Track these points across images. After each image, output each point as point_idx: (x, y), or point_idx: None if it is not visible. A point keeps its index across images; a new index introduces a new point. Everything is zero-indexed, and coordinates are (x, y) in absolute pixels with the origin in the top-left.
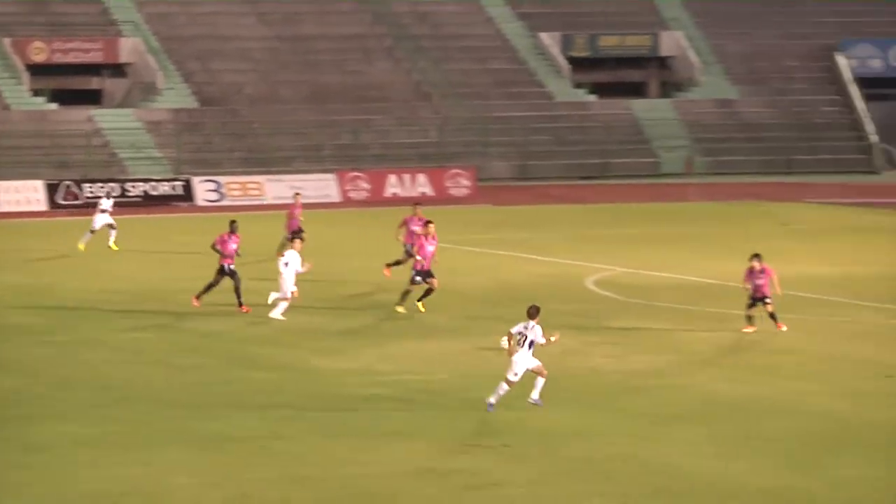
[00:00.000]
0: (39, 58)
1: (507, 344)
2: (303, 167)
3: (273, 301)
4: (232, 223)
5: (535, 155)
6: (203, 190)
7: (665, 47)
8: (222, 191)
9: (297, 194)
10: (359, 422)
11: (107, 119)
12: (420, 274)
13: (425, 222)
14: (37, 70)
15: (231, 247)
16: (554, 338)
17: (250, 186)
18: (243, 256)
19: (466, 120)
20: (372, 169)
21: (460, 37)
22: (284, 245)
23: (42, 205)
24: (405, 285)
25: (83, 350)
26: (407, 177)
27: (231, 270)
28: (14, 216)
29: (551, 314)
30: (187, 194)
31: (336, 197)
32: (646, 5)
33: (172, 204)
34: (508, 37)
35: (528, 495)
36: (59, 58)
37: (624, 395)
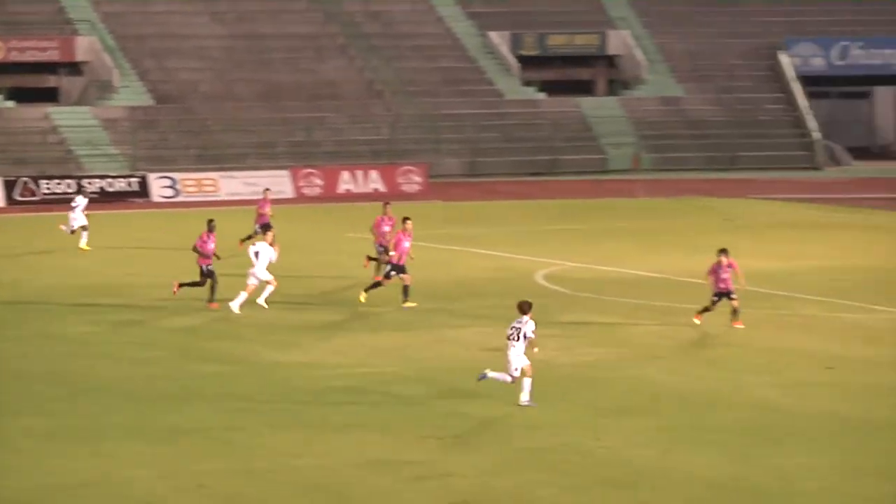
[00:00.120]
0: None
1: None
2: (257, 164)
3: (238, 302)
4: (209, 222)
5: (485, 152)
6: (158, 186)
7: (612, 46)
8: (177, 187)
9: (267, 190)
10: (311, 414)
11: (63, 116)
12: (395, 268)
13: (403, 219)
14: None
15: (209, 247)
16: (535, 349)
17: (205, 183)
18: (222, 259)
19: (418, 117)
20: (325, 165)
21: (411, 35)
22: (254, 238)
23: None
24: (379, 278)
25: (39, 344)
26: (360, 173)
27: (209, 271)
28: None
29: (501, 308)
30: (143, 191)
31: (290, 193)
32: (593, 5)
33: (128, 200)
34: (459, 36)
35: (479, 486)
36: (16, 56)
37: (574, 388)
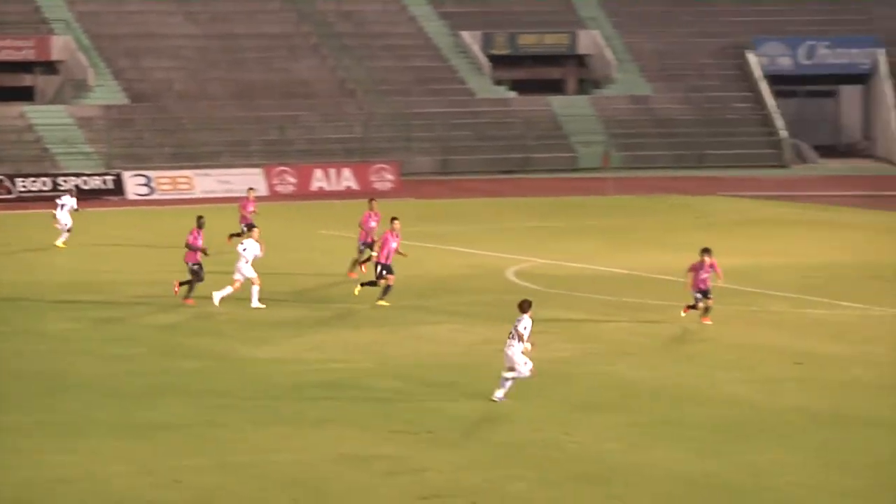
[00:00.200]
0: None
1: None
2: (231, 162)
3: (221, 294)
4: (199, 219)
5: (457, 150)
6: (133, 184)
7: (582, 46)
8: (152, 185)
9: (251, 189)
10: (287, 410)
11: (39, 115)
12: (384, 268)
13: (392, 219)
14: None
15: (199, 243)
16: (528, 345)
17: (180, 181)
18: (210, 255)
19: (390, 116)
20: (298, 163)
21: (384, 35)
22: (242, 236)
23: None
24: (377, 281)
25: (19, 341)
26: (332, 171)
27: (193, 269)
28: None
29: (473, 304)
30: (118, 188)
31: (263, 191)
32: (564, 5)
33: (103, 198)
34: (430, 35)
35: (452, 480)
36: None
37: (545, 383)
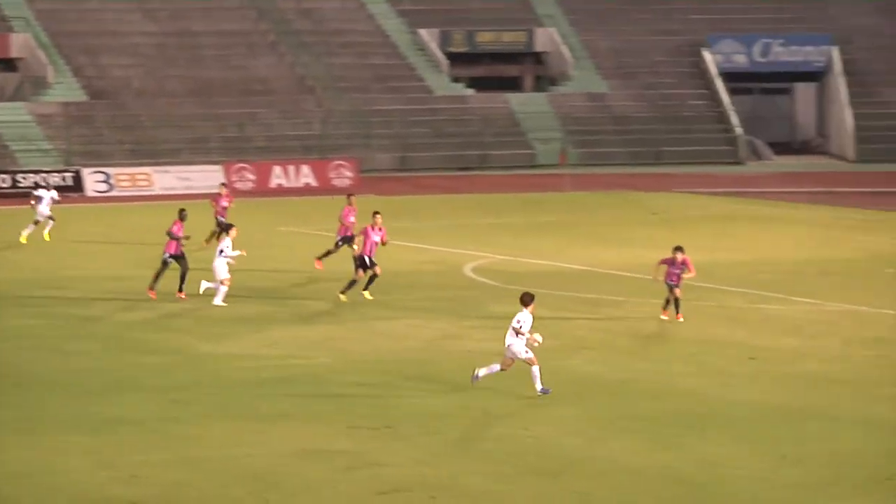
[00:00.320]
0: None
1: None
2: (190, 159)
3: (206, 290)
4: (181, 211)
5: (416, 147)
6: (93, 181)
7: (539, 43)
8: (111, 182)
9: (223, 185)
10: (246, 405)
11: None
12: (368, 260)
13: (373, 213)
14: None
15: (179, 234)
16: (535, 335)
17: (139, 177)
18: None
19: (349, 113)
20: (257, 160)
21: (342, 32)
22: (215, 234)
23: None
24: (352, 275)
25: None
26: (291, 168)
27: (165, 261)
28: None
29: (431, 300)
30: (77, 185)
31: None
32: (521, 3)
33: (63, 195)
34: (389, 33)
35: (410, 475)
36: None
37: (503, 378)
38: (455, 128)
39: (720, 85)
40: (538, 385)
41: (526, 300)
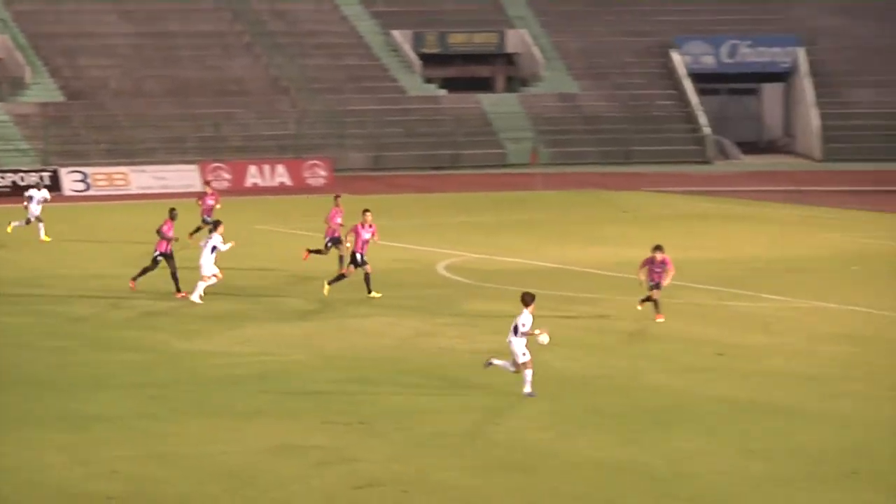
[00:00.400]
0: None
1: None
2: (166, 158)
3: (200, 298)
4: (171, 210)
5: (389, 146)
6: (70, 180)
7: (511, 44)
8: (89, 181)
9: (208, 183)
10: (220, 402)
11: None
12: (359, 259)
13: (363, 210)
14: None
15: (170, 234)
16: (538, 331)
17: (116, 177)
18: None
19: (323, 113)
20: (233, 160)
21: (316, 34)
22: (202, 231)
23: None
24: (344, 271)
25: None
26: (266, 167)
27: (155, 259)
28: None
29: (405, 298)
30: (55, 185)
31: (198, 187)
32: (493, 5)
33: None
34: (362, 34)
35: (384, 470)
36: None
37: (474, 374)
38: (428, 128)
39: (688, 85)
40: (527, 388)
41: (527, 300)
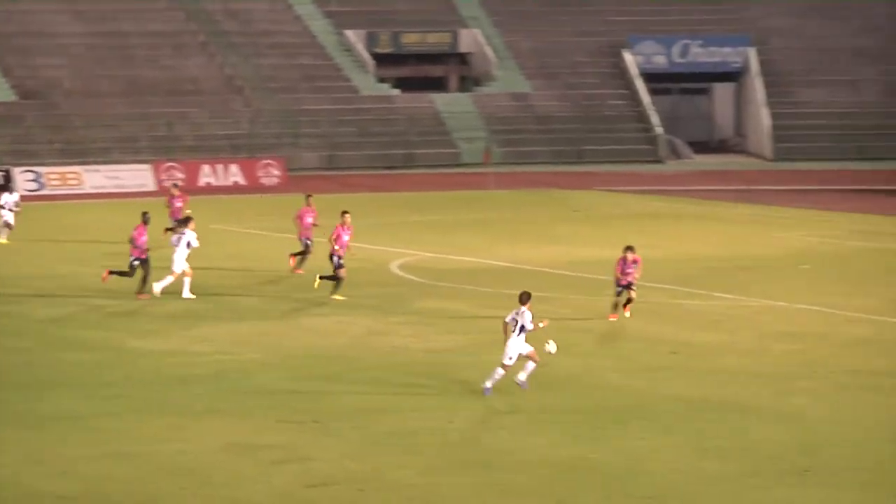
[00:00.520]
0: None
1: (504, 331)
2: (119, 158)
3: (162, 290)
4: (144, 214)
5: (342, 146)
6: (23, 180)
7: (464, 44)
8: (42, 181)
9: (175, 185)
10: (175, 400)
11: None
12: (334, 261)
13: (342, 212)
14: None
15: (142, 239)
16: (542, 324)
17: (69, 176)
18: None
19: (276, 112)
20: (186, 159)
21: (270, 33)
22: (173, 230)
23: None
24: (334, 275)
25: None
26: (220, 167)
27: (138, 262)
28: None
29: (358, 297)
30: (7, 184)
31: (151, 186)
32: (445, 5)
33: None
34: (316, 34)
35: (338, 468)
36: None
37: (428, 372)
38: (381, 127)
39: (640, 85)
40: (524, 375)
41: (524, 299)
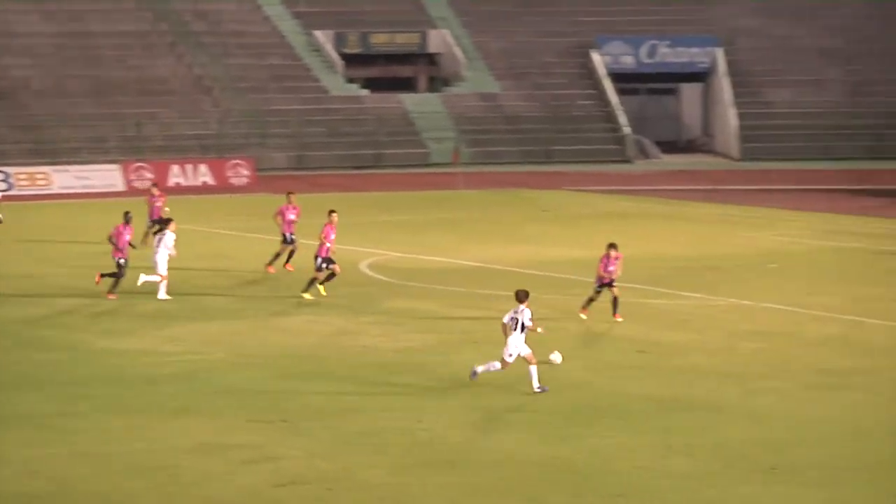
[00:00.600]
0: None
1: (504, 332)
2: (89, 158)
3: (144, 283)
4: (126, 214)
5: (311, 146)
6: None
7: (433, 45)
8: (11, 181)
9: (154, 185)
10: (143, 400)
11: None
12: (325, 260)
13: (329, 211)
14: None
15: (125, 239)
16: (540, 329)
17: (38, 177)
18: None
19: (245, 113)
20: (155, 159)
21: (239, 34)
22: (149, 232)
23: None
24: (311, 273)
25: None
26: (189, 167)
27: (119, 264)
28: None
29: (328, 297)
30: None
31: (121, 186)
32: (414, 5)
33: None
34: (284, 34)
35: (307, 468)
36: None
37: (397, 372)
38: (350, 127)
39: (608, 85)
40: (535, 383)
41: (522, 297)
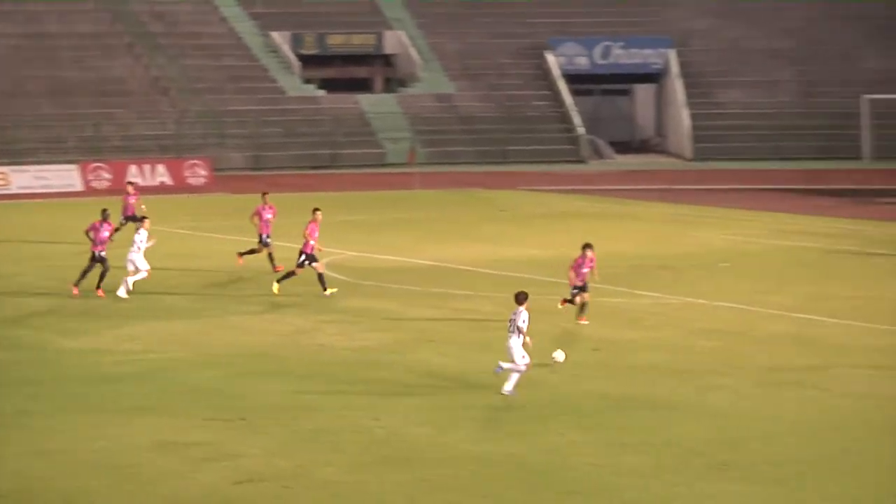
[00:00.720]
0: None
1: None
2: (47, 158)
3: (134, 284)
4: (104, 211)
5: (268, 146)
6: None
7: (389, 46)
8: None
9: (130, 184)
10: (102, 398)
11: None
12: (308, 257)
13: (313, 209)
14: None
15: (103, 234)
16: (528, 339)
17: None
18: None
19: (203, 113)
20: (113, 160)
21: (196, 35)
22: (120, 228)
23: None
24: (292, 267)
25: None
26: (147, 167)
27: (101, 257)
28: None
29: (285, 296)
30: None
31: (79, 186)
32: (370, 6)
33: None
34: (241, 35)
35: (265, 465)
36: None
37: (354, 370)
38: (307, 128)
39: (563, 86)
40: (508, 386)
41: (521, 299)
